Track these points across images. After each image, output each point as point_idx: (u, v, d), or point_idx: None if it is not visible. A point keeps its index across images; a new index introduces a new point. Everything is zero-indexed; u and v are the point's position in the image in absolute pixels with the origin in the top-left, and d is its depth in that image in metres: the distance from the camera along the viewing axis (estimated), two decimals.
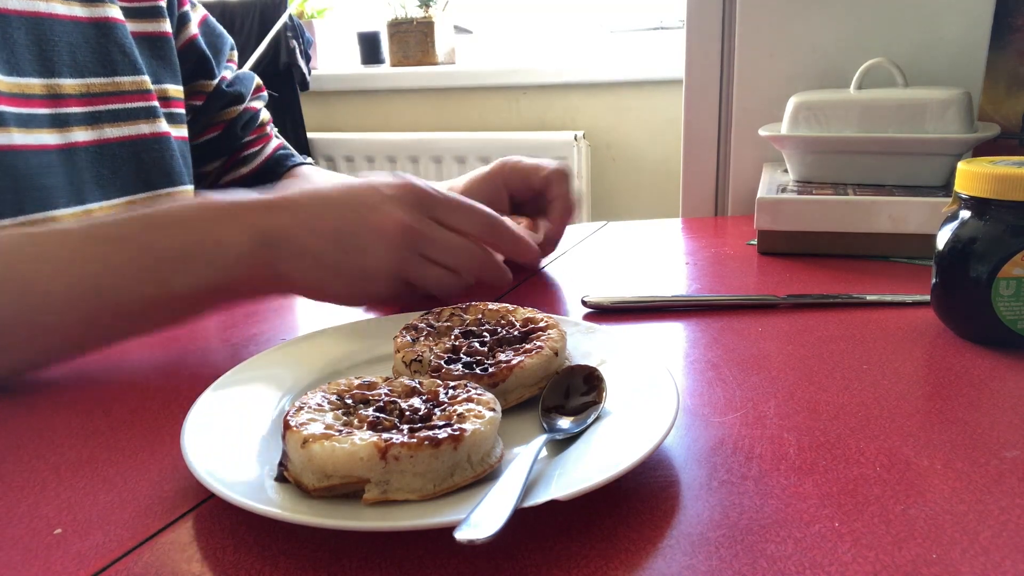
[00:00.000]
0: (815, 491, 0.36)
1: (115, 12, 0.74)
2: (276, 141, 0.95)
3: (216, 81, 0.86)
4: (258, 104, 0.92)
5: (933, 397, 0.46)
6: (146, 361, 0.57)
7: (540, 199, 0.75)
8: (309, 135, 2.19)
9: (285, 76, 2.10)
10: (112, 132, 0.72)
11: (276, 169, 0.92)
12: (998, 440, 0.40)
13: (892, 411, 0.44)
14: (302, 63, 2.10)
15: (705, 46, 1.00)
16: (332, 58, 2.40)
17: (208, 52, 0.85)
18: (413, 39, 2.18)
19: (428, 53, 2.18)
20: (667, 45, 2.05)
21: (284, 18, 2.03)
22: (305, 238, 0.55)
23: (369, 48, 2.34)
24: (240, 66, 0.94)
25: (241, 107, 0.89)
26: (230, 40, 0.91)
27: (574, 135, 1.98)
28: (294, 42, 2.07)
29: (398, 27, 2.18)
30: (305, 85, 2.14)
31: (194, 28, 0.84)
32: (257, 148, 0.92)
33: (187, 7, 0.84)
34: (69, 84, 0.69)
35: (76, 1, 0.71)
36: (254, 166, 0.91)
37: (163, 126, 0.76)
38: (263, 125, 0.93)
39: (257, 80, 0.93)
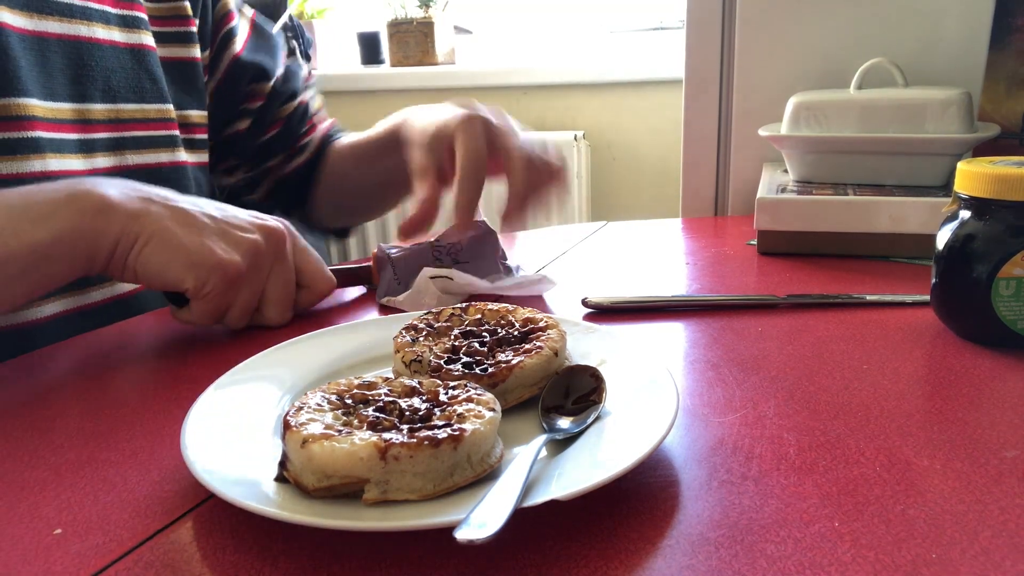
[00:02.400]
0: (815, 491, 0.36)
1: (148, 39, 0.75)
2: (324, 125, 0.98)
3: (272, 82, 0.88)
4: (308, 95, 0.95)
5: (933, 397, 0.46)
6: (146, 361, 0.57)
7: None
8: None
9: None
10: (133, 159, 0.73)
11: (323, 151, 0.96)
12: (998, 440, 0.40)
13: (892, 411, 0.44)
14: (302, 63, 2.10)
15: (705, 46, 1.00)
16: (332, 58, 2.40)
17: (259, 60, 0.87)
18: (413, 39, 2.18)
19: (428, 53, 2.18)
20: (667, 45, 2.05)
21: (284, 18, 2.03)
22: (180, 201, 0.57)
23: (369, 48, 2.34)
24: None
25: (296, 102, 0.92)
26: (281, 37, 0.94)
27: (574, 135, 1.98)
28: (294, 42, 2.07)
29: (398, 27, 2.18)
30: None
31: (239, 45, 0.86)
32: (309, 138, 0.95)
33: (234, 22, 0.86)
34: (99, 109, 0.70)
35: (116, 26, 0.72)
36: (307, 155, 0.95)
37: (181, 155, 0.78)
38: (314, 115, 0.96)
39: (305, 69, 0.97)
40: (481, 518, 0.30)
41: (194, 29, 0.80)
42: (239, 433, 0.40)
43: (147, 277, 0.55)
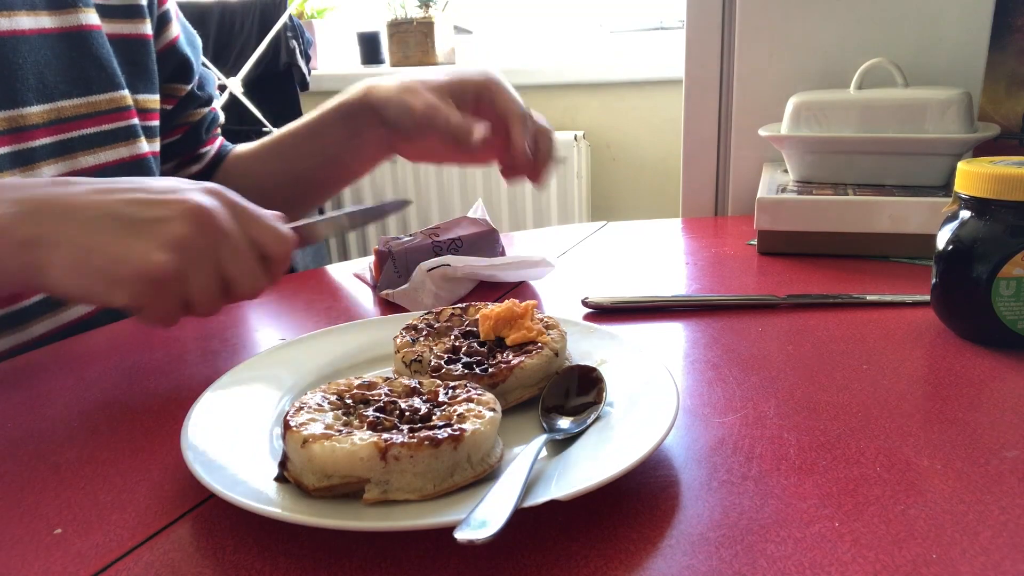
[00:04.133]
0: (815, 491, 0.36)
1: (90, 18, 0.67)
2: (220, 140, 0.91)
3: (191, 85, 0.81)
4: (217, 104, 0.89)
5: (933, 397, 0.46)
6: (146, 361, 0.57)
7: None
8: None
9: (285, 76, 2.10)
10: (87, 160, 0.66)
11: (217, 164, 0.87)
12: (998, 440, 0.40)
13: (892, 411, 0.44)
14: (302, 63, 2.10)
15: (705, 46, 1.00)
16: (332, 58, 2.40)
17: (188, 55, 0.79)
18: (413, 39, 2.18)
19: (428, 53, 2.18)
20: (667, 45, 2.05)
21: (284, 18, 2.03)
22: (78, 204, 0.47)
23: (369, 48, 2.34)
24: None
25: (207, 109, 0.84)
26: (199, 38, 0.86)
27: (574, 135, 1.98)
28: (294, 42, 2.07)
29: (398, 27, 2.18)
30: (305, 85, 2.14)
31: (176, 29, 0.78)
32: (208, 148, 0.87)
33: (168, 4, 0.77)
34: (35, 112, 0.62)
35: (44, 11, 0.64)
36: (202, 165, 0.85)
37: (143, 147, 0.71)
38: (219, 125, 0.89)
39: (215, 77, 0.89)
40: (481, 518, 0.30)
41: (143, 2, 0.72)
42: (239, 433, 0.40)
43: (75, 300, 0.49)
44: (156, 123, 0.75)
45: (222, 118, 0.90)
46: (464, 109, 0.68)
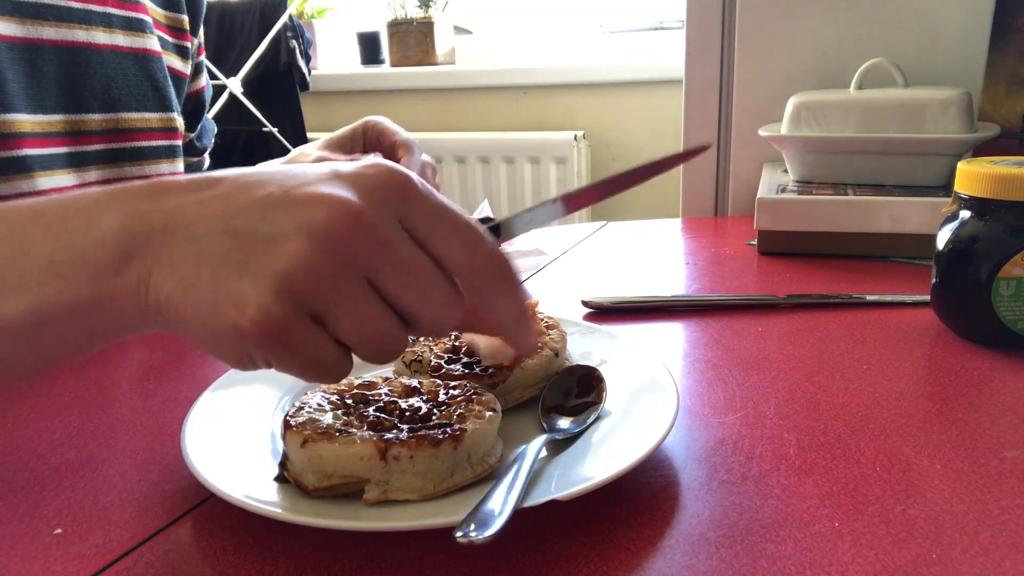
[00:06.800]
0: (815, 491, 0.36)
1: (154, 44, 0.72)
2: None
3: (193, 135, 0.86)
4: (206, 153, 0.92)
5: (933, 397, 0.46)
6: (146, 361, 0.57)
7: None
8: (309, 135, 2.19)
9: (285, 76, 2.10)
10: (132, 171, 0.71)
11: None
12: (998, 440, 0.40)
13: (892, 411, 0.44)
14: (302, 63, 2.10)
15: (705, 46, 1.00)
16: (332, 58, 2.40)
17: (202, 106, 0.85)
18: (413, 39, 2.18)
19: (428, 53, 2.18)
20: (667, 45, 2.05)
21: (284, 18, 2.02)
22: (189, 216, 0.32)
23: (369, 48, 2.34)
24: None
25: (196, 159, 0.88)
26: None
27: (574, 135, 1.98)
28: (294, 42, 2.07)
29: (398, 27, 2.18)
30: (305, 85, 2.14)
31: (204, 81, 0.84)
32: None
33: (202, 58, 0.83)
34: (95, 120, 0.67)
35: (119, 29, 0.69)
36: None
37: (180, 166, 0.76)
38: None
39: (214, 128, 0.94)
40: (481, 518, 0.30)
41: (189, 46, 0.78)
42: (239, 433, 0.40)
43: None
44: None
45: (207, 164, 0.94)
46: (356, 149, 0.76)
